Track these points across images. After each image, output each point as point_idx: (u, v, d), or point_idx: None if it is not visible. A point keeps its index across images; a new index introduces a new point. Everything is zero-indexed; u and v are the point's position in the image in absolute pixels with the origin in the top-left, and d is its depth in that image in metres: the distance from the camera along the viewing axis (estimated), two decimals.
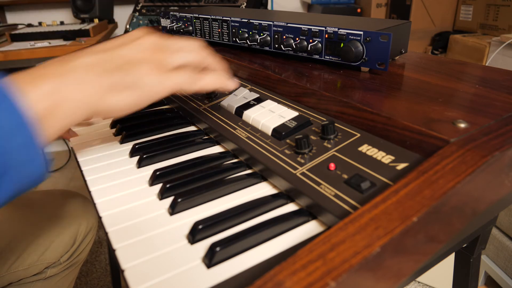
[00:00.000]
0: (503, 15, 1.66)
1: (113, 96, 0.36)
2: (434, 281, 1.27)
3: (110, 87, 0.36)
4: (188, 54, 0.43)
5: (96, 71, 0.35)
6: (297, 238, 0.34)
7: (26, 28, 1.73)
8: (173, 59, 0.41)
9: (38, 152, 0.31)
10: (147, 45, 0.40)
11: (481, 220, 0.46)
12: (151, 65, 0.39)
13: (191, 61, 0.43)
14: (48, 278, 0.75)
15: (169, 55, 0.41)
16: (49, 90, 0.32)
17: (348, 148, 0.40)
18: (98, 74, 0.35)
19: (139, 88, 0.38)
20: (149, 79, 0.38)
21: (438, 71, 0.55)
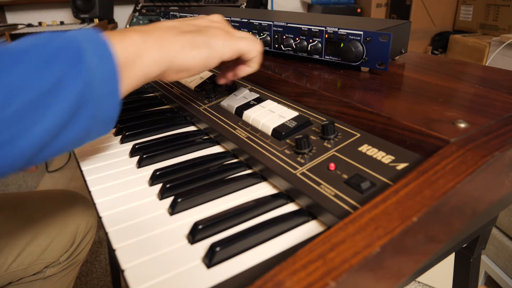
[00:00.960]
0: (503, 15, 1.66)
1: (187, 52, 0.41)
2: (434, 281, 1.27)
3: (185, 45, 0.41)
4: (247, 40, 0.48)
5: (174, 32, 0.41)
6: (297, 238, 0.34)
7: (26, 28, 1.73)
8: (236, 32, 0.48)
9: (117, 90, 0.35)
10: (215, 19, 0.48)
11: (481, 220, 0.46)
12: (220, 31, 0.45)
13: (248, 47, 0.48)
14: (47, 278, 0.75)
15: (233, 29, 0.48)
16: (133, 41, 0.37)
17: (348, 148, 0.40)
18: (176, 34, 0.41)
19: (210, 47, 0.43)
20: (219, 40, 0.44)
21: (438, 71, 0.55)
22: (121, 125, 0.58)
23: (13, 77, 0.30)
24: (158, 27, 0.41)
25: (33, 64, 0.31)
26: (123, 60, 0.36)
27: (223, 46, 0.44)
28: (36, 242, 0.70)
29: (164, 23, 0.43)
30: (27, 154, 0.32)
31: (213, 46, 0.43)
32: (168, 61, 0.40)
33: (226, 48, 0.44)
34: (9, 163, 0.31)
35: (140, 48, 0.38)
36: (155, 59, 0.39)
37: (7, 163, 0.31)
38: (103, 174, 0.47)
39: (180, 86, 0.67)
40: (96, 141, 0.56)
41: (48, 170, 2.13)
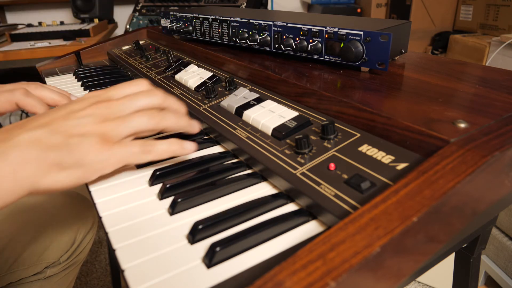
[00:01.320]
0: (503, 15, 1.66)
1: (53, 176, 0.34)
2: (434, 281, 1.27)
3: (51, 166, 0.34)
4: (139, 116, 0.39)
5: (36, 150, 0.33)
6: (297, 238, 0.34)
7: (26, 28, 1.73)
8: (122, 128, 0.38)
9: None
10: (93, 115, 0.37)
11: (481, 220, 0.46)
12: (96, 139, 0.36)
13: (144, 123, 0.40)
14: (47, 278, 0.75)
15: (117, 125, 0.38)
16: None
17: (348, 148, 0.40)
18: (37, 154, 0.33)
19: (82, 167, 0.35)
20: (93, 157, 0.36)
21: (438, 71, 0.55)
22: None
23: None
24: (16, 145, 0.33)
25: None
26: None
27: (100, 163, 0.36)
28: (36, 242, 0.70)
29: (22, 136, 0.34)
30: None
31: (85, 165, 0.35)
32: (27, 188, 0.33)
33: (103, 164, 0.36)
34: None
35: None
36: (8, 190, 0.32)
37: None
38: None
39: (180, 86, 0.67)
40: None
41: None
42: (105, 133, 0.37)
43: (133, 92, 0.42)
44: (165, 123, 0.41)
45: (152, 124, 0.40)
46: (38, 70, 0.98)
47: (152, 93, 0.42)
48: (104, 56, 1.05)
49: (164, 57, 0.84)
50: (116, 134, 0.37)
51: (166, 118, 0.41)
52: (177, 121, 0.42)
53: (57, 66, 0.99)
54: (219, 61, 0.71)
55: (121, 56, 0.95)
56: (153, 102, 0.42)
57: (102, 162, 0.36)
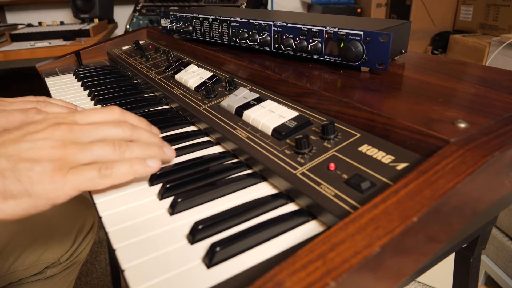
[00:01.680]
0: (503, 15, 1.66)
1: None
2: (434, 281, 1.27)
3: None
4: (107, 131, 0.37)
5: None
6: (297, 238, 0.34)
7: (26, 28, 1.73)
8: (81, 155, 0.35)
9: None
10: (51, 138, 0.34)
11: (481, 220, 0.46)
12: (50, 165, 0.33)
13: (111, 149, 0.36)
14: (48, 278, 0.75)
15: (76, 151, 0.34)
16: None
17: (348, 148, 0.40)
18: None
19: (31, 196, 0.32)
20: (44, 185, 0.32)
21: (438, 71, 0.55)
22: None
23: None
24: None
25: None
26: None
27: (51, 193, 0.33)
28: (36, 242, 0.70)
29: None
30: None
31: (35, 194, 0.32)
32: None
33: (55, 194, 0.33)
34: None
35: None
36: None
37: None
38: None
39: (180, 86, 0.67)
40: None
41: None
42: (61, 159, 0.33)
43: (101, 119, 0.39)
44: (131, 154, 0.37)
45: (116, 154, 0.36)
46: (38, 70, 0.98)
47: (121, 124, 0.39)
48: (104, 56, 1.05)
49: (164, 57, 0.84)
50: (73, 161, 0.34)
51: (132, 150, 0.37)
52: (144, 153, 0.39)
53: (57, 66, 0.99)
54: (219, 61, 0.71)
55: (121, 56, 0.95)
56: (121, 134, 0.38)
57: (55, 191, 0.32)
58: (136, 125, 0.41)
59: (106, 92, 0.74)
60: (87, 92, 0.78)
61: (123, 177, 0.36)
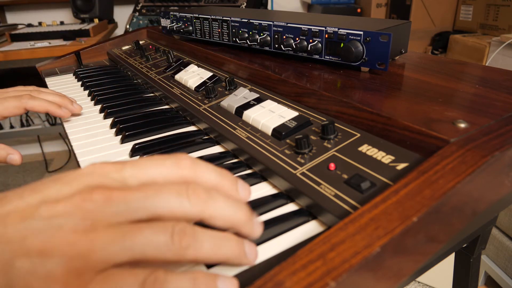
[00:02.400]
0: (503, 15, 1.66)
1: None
2: (434, 281, 1.27)
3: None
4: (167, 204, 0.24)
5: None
6: (297, 238, 0.34)
7: (26, 28, 1.73)
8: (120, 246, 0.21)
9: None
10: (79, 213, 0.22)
11: (481, 220, 0.46)
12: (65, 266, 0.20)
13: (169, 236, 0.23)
14: None
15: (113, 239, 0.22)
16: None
17: (348, 148, 0.40)
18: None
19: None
20: None
21: (438, 71, 0.55)
22: (121, 125, 0.58)
23: None
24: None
25: None
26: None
27: None
28: None
29: None
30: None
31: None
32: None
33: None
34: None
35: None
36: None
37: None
38: None
39: (180, 86, 0.67)
40: (96, 141, 0.56)
41: (48, 170, 2.13)
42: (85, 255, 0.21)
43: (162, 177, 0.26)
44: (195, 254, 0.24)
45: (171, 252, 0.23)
46: (38, 70, 0.98)
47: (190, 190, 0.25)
48: (104, 56, 1.05)
49: (164, 57, 0.84)
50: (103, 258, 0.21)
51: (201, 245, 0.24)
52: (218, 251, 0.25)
53: (57, 66, 0.99)
54: (219, 61, 0.71)
55: (121, 56, 0.95)
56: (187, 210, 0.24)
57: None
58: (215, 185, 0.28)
59: (106, 92, 0.74)
60: (87, 92, 0.78)
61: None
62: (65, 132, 0.61)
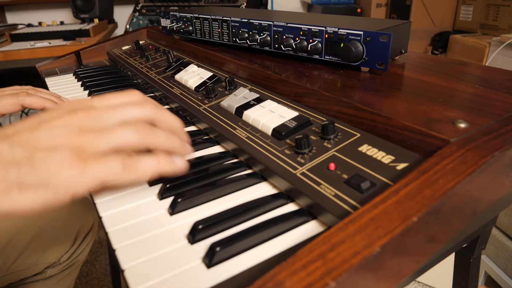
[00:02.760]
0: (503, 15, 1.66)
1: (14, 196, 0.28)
2: (434, 281, 1.27)
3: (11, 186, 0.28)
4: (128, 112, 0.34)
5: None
6: (297, 238, 0.34)
7: (26, 28, 1.73)
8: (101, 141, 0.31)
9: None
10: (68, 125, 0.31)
11: (481, 220, 0.46)
12: (68, 153, 0.29)
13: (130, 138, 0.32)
14: (48, 278, 0.75)
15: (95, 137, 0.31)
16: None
17: (348, 148, 0.40)
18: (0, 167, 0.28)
19: (49, 187, 0.29)
20: (63, 175, 0.29)
21: (438, 71, 0.55)
22: None
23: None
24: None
25: None
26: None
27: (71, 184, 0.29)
28: (36, 242, 0.70)
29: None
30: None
31: (53, 186, 0.29)
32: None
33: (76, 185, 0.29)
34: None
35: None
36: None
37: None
38: None
39: (180, 86, 0.67)
40: None
41: None
42: (80, 147, 0.30)
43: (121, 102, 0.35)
44: (155, 139, 0.34)
45: (139, 139, 0.33)
46: (38, 70, 0.98)
47: (143, 104, 0.35)
48: (104, 56, 1.05)
49: (164, 57, 0.84)
50: (93, 148, 0.31)
51: (157, 134, 0.34)
52: (168, 139, 0.35)
53: (57, 66, 0.99)
54: (219, 61, 0.71)
55: (121, 56, 0.95)
56: (143, 115, 0.35)
57: (74, 181, 0.29)
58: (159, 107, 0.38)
59: (106, 92, 0.74)
60: (87, 92, 0.78)
61: (147, 173, 0.32)
62: None
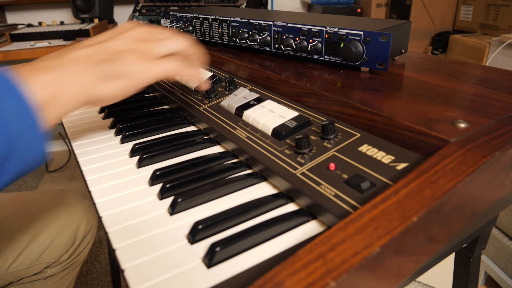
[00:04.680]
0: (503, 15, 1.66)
1: (104, 85, 0.39)
2: (434, 281, 1.27)
3: (101, 77, 0.39)
4: (173, 42, 0.45)
5: (88, 63, 0.39)
6: (297, 238, 0.34)
7: (26, 28, 1.73)
8: (158, 48, 0.44)
9: (41, 136, 0.34)
10: (133, 37, 0.43)
11: (481, 220, 0.46)
12: (138, 54, 0.41)
13: (175, 49, 0.45)
14: (48, 278, 0.75)
15: (154, 45, 0.43)
16: (49, 81, 0.35)
17: (348, 148, 0.40)
18: (90, 65, 0.39)
19: (127, 76, 0.40)
20: (136, 69, 0.41)
21: (438, 71, 0.55)
22: (121, 125, 0.58)
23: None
24: (69, 60, 0.38)
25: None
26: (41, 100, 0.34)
27: (141, 74, 0.41)
28: (36, 242, 0.70)
29: (76, 53, 0.39)
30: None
31: (130, 75, 0.40)
32: (84, 97, 0.38)
33: (146, 75, 0.41)
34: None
35: (55, 87, 0.36)
36: (73, 94, 0.37)
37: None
38: (103, 174, 0.47)
39: (180, 86, 0.67)
40: (96, 141, 0.56)
41: (48, 170, 2.13)
42: (147, 50, 0.42)
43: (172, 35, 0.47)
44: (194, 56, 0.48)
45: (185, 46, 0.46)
46: None
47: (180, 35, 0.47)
48: None
49: None
50: (156, 51, 0.43)
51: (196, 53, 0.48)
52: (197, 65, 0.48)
53: None
54: (219, 61, 0.71)
55: None
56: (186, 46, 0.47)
57: (145, 72, 0.41)
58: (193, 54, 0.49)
59: None
60: None
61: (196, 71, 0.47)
62: (65, 132, 0.61)
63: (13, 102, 0.32)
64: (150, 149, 0.50)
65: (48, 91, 0.35)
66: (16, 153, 0.32)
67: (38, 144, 0.34)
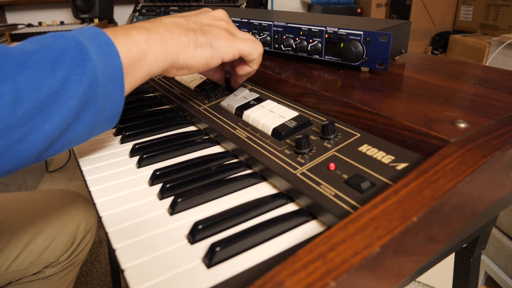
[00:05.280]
0: (503, 15, 1.66)
1: (190, 52, 0.42)
2: (434, 281, 1.27)
3: (188, 44, 0.42)
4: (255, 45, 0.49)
5: (177, 30, 0.42)
6: (297, 238, 0.34)
7: (26, 28, 1.73)
8: (239, 32, 0.48)
9: (121, 88, 0.36)
10: (220, 17, 0.48)
11: (481, 220, 0.46)
12: (223, 31, 0.45)
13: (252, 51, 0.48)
14: (47, 278, 0.75)
15: (235, 29, 0.48)
16: (137, 41, 0.38)
17: (348, 148, 0.40)
18: (179, 32, 0.42)
19: (212, 48, 0.44)
20: (221, 42, 0.44)
21: (438, 71, 0.55)
22: (121, 125, 0.58)
23: (22, 79, 0.31)
24: (162, 24, 0.42)
25: (40, 65, 0.32)
26: (127, 60, 0.37)
27: (225, 47, 0.44)
28: (36, 242, 0.70)
29: (168, 19, 0.43)
30: (36, 151, 0.33)
31: (215, 46, 0.44)
32: (171, 60, 0.41)
33: (228, 49, 0.45)
34: (20, 160, 0.33)
35: (143, 48, 0.38)
36: (158, 58, 0.40)
37: (17, 160, 0.33)
38: (103, 174, 0.47)
39: (180, 86, 0.67)
40: (96, 141, 0.56)
41: (48, 170, 2.13)
42: (229, 29, 0.46)
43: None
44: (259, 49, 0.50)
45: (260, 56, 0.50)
46: None
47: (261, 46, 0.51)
48: None
49: None
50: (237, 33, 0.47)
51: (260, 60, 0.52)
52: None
53: None
54: None
55: None
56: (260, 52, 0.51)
57: (227, 47, 0.45)
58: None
59: None
60: None
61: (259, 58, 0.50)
62: None
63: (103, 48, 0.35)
64: (150, 149, 0.50)
65: (136, 49, 0.38)
66: (95, 101, 0.34)
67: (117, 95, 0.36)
